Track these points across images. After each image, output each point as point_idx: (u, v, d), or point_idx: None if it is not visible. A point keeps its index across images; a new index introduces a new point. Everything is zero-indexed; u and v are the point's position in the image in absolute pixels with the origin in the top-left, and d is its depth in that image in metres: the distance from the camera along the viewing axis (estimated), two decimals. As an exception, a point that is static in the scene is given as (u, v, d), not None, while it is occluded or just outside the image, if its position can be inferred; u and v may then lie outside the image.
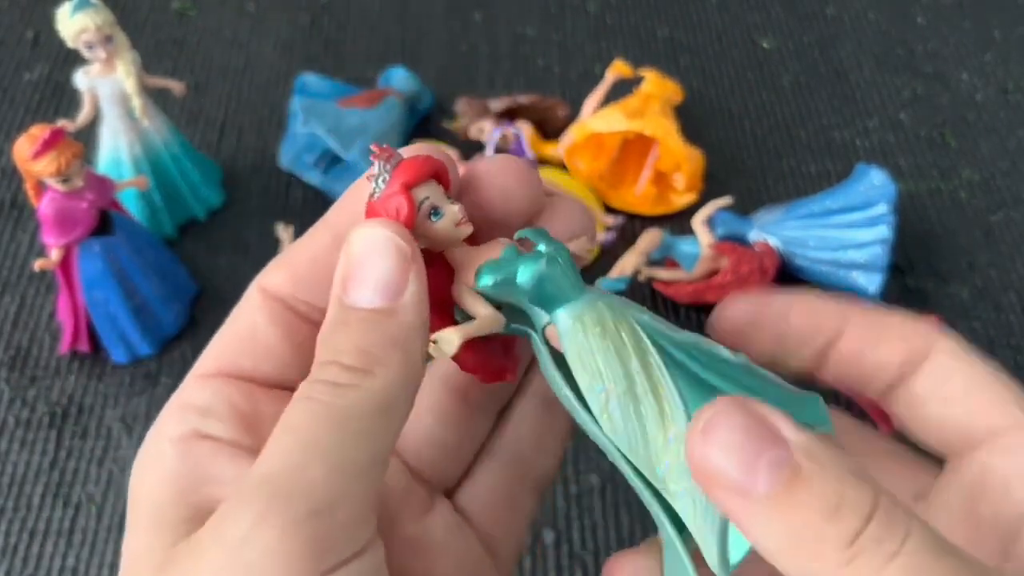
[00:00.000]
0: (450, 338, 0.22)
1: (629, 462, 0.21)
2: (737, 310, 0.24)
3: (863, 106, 0.74)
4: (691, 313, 0.61)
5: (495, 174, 0.23)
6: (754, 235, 0.61)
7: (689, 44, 0.79)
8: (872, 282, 0.59)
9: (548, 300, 0.22)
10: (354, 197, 0.23)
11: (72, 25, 0.54)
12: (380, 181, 0.22)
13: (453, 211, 0.22)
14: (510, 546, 0.25)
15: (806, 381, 0.23)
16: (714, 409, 0.18)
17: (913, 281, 0.63)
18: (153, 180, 0.61)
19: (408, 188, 0.22)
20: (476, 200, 0.23)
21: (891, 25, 0.81)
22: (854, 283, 0.59)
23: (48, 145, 0.50)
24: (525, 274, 0.22)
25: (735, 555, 0.20)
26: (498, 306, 0.23)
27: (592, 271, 0.62)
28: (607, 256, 0.63)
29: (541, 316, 0.22)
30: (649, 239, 0.61)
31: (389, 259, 0.20)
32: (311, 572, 0.18)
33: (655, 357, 0.21)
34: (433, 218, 0.22)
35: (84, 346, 0.57)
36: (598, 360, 0.21)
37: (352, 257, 0.21)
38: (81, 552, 0.51)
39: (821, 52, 0.79)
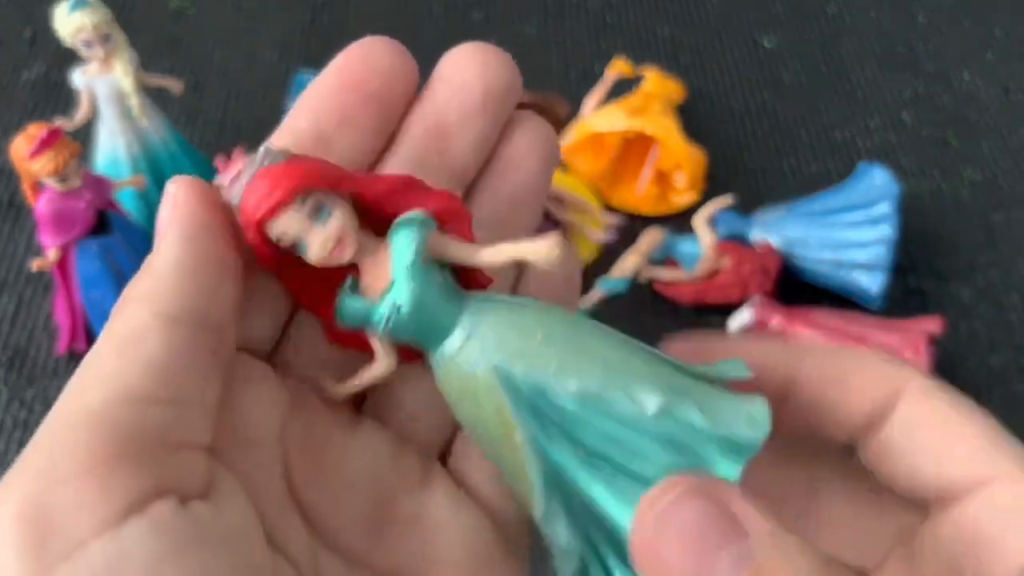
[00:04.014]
0: (336, 392, 0.21)
1: None
2: (678, 348, 0.22)
3: (865, 105, 0.74)
4: (692, 313, 0.61)
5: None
6: (755, 235, 0.61)
7: (690, 43, 0.79)
8: (875, 282, 0.58)
9: (419, 334, 0.20)
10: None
11: (70, 23, 0.54)
12: (238, 193, 0.20)
13: (315, 245, 0.19)
14: (520, 518, 0.22)
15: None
16: (672, 492, 0.16)
17: (914, 281, 0.63)
18: (151, 179, 0.61)
19: (259, 226, 0.20)
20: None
21: (893, 24, 0.81)
22: (856, 283, 0.59)
23: (45, 144, 0.50)
24: (376, 324, 0.20)
25: None
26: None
27: (593, 271, 0.62)
28: (608, 256, 0.62)
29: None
30: (650, 239, 0.61)
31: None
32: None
33: (518, 434, 0.19)
34: (299, 250, 0.20)
35: (82, 346, 0.57)
36: (465, 414, 0.20)
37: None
38: (79, 554, 0.50)
39: (823, 51, 0.78)
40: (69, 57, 0.58)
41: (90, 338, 0.57)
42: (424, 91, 0.22)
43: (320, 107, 0.22)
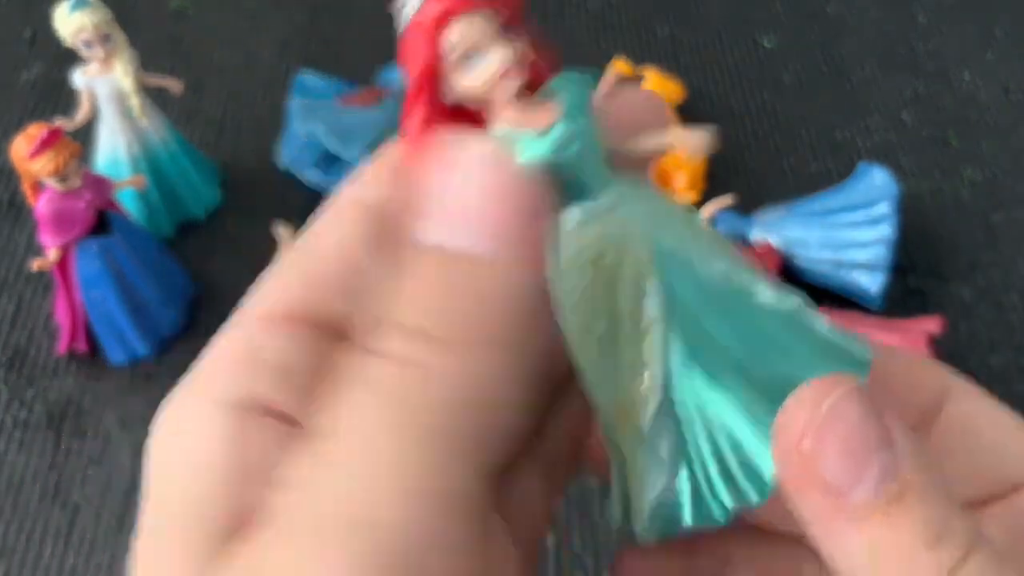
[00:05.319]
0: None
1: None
2: None
3: (865, 105, 0.74)
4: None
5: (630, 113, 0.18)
6: (755, 235, 0.61)
7: (690, 43, 0.79)
8: (874, 282, 0.58)
9: (570, 182, 0.18)
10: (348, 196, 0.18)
11: (70, 23, 0.54)
12: (409, 6, 0.17)
13: (493, 61, 0.17)
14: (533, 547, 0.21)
15: None
16: (836, 390, 0.15)
17: (914, 281, 0.63)
18: (151, 179, 0.61)
19: (437, 25, 0.17)
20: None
21: (893, 24, 0.81)
22: (856, 283, 0.59)
23: (46, 144, 0.50)
24: (528, 155, 0.17)
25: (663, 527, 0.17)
26: None
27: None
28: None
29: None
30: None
31: (500, 188, 0.15)
32: None
33: (654, 330, 0.17)
34: (464, 69, 0.17)
35: (82, 347, 0.57)
36: (576, 290, 0.17)
37: (442, 178, 0.15)
38: (79, 554, 0.50)
39: (823, 51, 0.78)
40: (69, 57, 0.58)
41: (90, 338, 0.57)
42: None
43: None
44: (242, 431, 0.15)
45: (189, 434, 0.15)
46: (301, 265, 0.17)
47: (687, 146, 0.19)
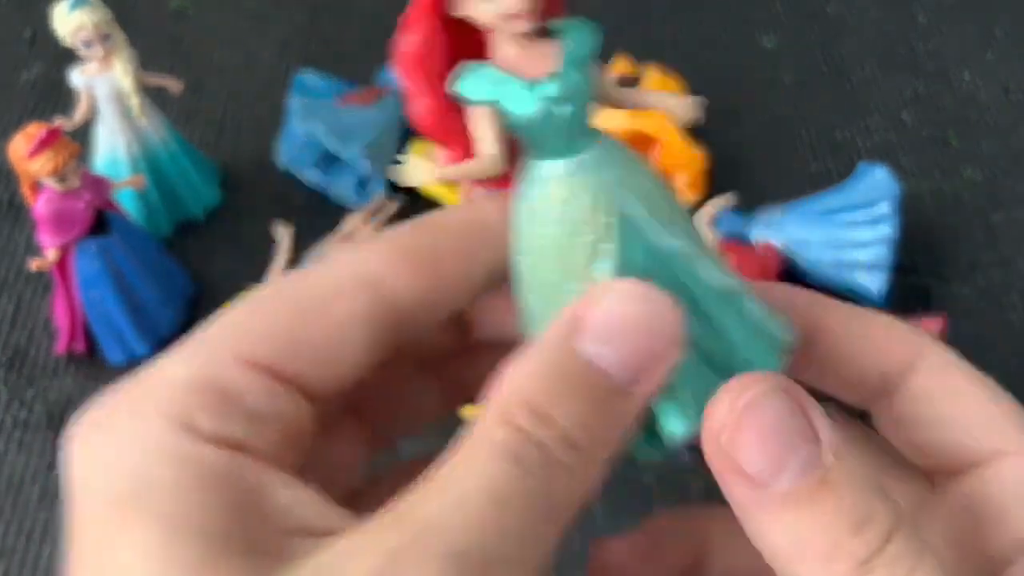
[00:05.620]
0: (418, 174, 0.19)
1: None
2: None
3: (865, 105, 0.74)
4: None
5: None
6: (756, 235, 0.61)
7: (690, 42, 0.79)
8: (875, 282, 0.58)
9: (536, 143, 0.19)
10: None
11: (69, 23, 0.54)
12: None
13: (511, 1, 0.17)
14: None
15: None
16: (759, 385, 0.16)
17: (915, 280, 0.63)
18: (150, 179, 0.61)
19: None
20: None
21: (893, 24, 0.81)
22: (857, 283, 0.59)
23: (44, 144, 0.50)
24: (516, 107, 0.18)
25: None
26: None
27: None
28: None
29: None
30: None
31: (654, 329, 0.17)
32: None
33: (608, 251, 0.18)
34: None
35: (81, 347, 0.57)
36: (540, 242, 0.18)
37: (605, 303, 0.17)
38: (78, 554, 0.50)
39: (823, 51, 0.78)
40: (68, 57, 0.58)
41: (88, 338, 0.57)
42: None
43: None
44: (231, 465, 0.16)
45: (168, 465, 0.16)
46: (265, 310, 0.18)
47: (671, 110, 0.20)
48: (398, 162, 0.19)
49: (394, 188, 0.65)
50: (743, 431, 0.16)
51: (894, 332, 0.21)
